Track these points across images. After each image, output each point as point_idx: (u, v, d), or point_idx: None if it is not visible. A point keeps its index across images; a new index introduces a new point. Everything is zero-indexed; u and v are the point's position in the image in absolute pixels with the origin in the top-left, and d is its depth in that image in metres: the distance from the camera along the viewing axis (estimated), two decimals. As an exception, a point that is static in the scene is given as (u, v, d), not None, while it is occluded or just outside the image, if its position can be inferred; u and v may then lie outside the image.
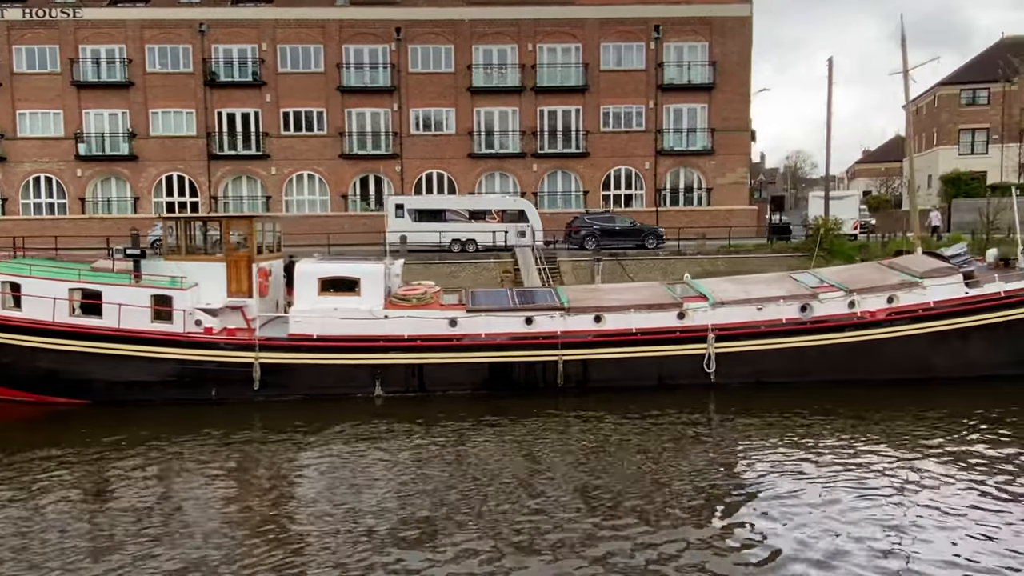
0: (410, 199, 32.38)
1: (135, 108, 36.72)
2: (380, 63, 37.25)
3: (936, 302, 16.75)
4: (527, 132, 37.87)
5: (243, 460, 12.85)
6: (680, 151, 38.47)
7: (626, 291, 18.13)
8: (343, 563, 8.72)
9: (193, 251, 16.62)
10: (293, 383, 15.65)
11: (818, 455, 12.42)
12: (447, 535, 9.46)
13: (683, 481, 11.31)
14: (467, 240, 29.32)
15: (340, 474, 12.00)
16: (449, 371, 15.98)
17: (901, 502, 10.32)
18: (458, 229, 29.54)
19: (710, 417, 15.18)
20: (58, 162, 36.71)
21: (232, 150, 37.20)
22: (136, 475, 11.97)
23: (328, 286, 16.32)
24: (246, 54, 36.89)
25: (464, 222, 29.90)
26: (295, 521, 10.12)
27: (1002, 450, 12.55)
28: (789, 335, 16.48)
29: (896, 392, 16.07)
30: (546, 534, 9.46)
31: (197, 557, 8.92)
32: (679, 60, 38.12)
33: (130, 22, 36.51)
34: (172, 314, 15.55)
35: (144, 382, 15.40)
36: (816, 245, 28.34)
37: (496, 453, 12.82)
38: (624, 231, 30.57)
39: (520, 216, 30.33)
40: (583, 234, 30.14)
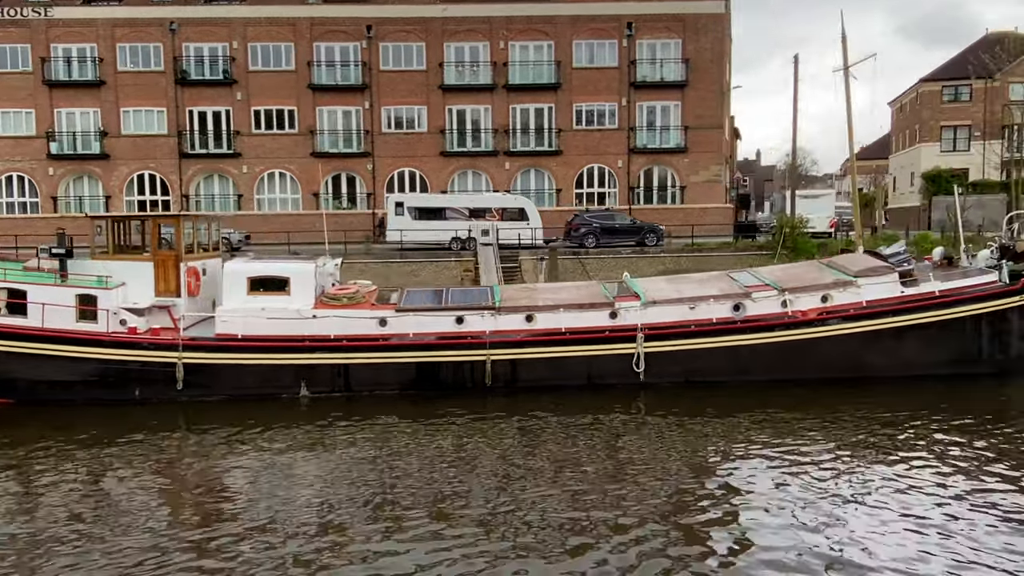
0: (410, 197, 32.32)
1: (106, 107, 36.76)
2: (351, 61, 37.21)
3: (869, 301, 16.60)
4: (500, 130, 37.79)
5: (165, 461, 12.72)
6: (653, 149, 38.35)
7: (562, 290, 18.03)
8: (266, 561, 8.67)
9: (124, 250, 16.59)
10: (217, 383, 15.58)
11: (737, 453, 12.35)
12: (364, 534, 9.41)
13: (593, 479, 11.17)
14: (468, 238, 28.98)
15: (259, 476, 11.86)
16: (376, 371, 15.90)
17: (818, 496, 10.28)
18: (458, 227, 29.38)
19: (634, 416, 14.99)
20: (30, 161, 36.78)
21: (203, 148, 37.24)
22: (60, 475, 11.80)
23: (258, 285, 16.25)
24: (217, 52, 36.90)
25: (464, 220, 29.70)
26: (218, 521, 9.97)
27: (924, 445, 12.51)
28: (719, 334, 16.36)
29: (828, 391, 15.91)
30: (464, 528, 9.44)
31: (124, 558, 8.82)
32: (652, 57, 37.98)
33: (101, 21, 36.54)
34: (97, 314, 15.52)
35: (67, 382, 15.36)
36: (779, 243, 28.25)
37: (417, 452, 12.67)
38: (624, 229, 30.47)
39: (520, 214, 30.29)
40: (583, 232, 29.97)
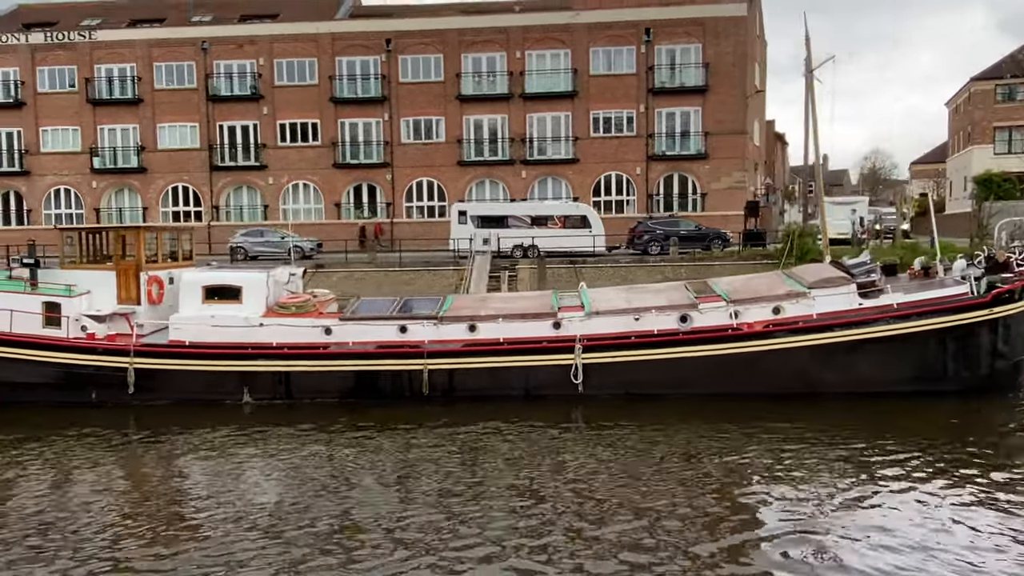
0: (473, 205, 32.51)
1: (144, 123, 38.90)
2: (371, 74, 38.16)
3: (821, 314, 15.90)
4: (516, 139, 37.95)
5: (113, 460, 13.33)
6: (672, 155, 37.71)
7: (515, 300, 18.06)
8: (212, 560, 8.99)
9: (98, 260, 17.58)
10: (165, 388, 16.28)
11: (666, 466, 12.10)
12: (292, 534, 9.68)
13: (510, 489, 11.13)
14: (529, 246, 29.13)
15: (193, 475, 12.41)
16: (316, 379, 16.27)
17: (734, 508, 10.20)
18: (520, 235, 29.53)
19: (567, 428, 14.84)
20: (76, 175, 39.29)
21: (232, 161, 38.89)
22: (21, 470, 12.56)
23: (212, 294, 16.88)
24: (245, 69, 38.52)
25: (526, 228, 29.81)
26: (156, 514, 10.51)
27: (844, 459, 12.04)
28: (661, 346, 15.97)
29: (773, 406, 15.34)
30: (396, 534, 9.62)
31: (77, 546, 9.38)
32: (671, 63, 37.42)
33: (139, 42, 38.73)
34: (60, 320, 16.50)
35: (29, 384, 16.37)
36: (785, 252, 27.27)
37: (348, 459, 12.85)
38: (690, 235, 29.84)
39: (582, 221, 30.13)
40: (646, 239, 29.57)
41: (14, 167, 39.31)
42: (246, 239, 31.52)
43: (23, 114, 39.08)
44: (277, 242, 30.79)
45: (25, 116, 39.11)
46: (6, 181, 39.55)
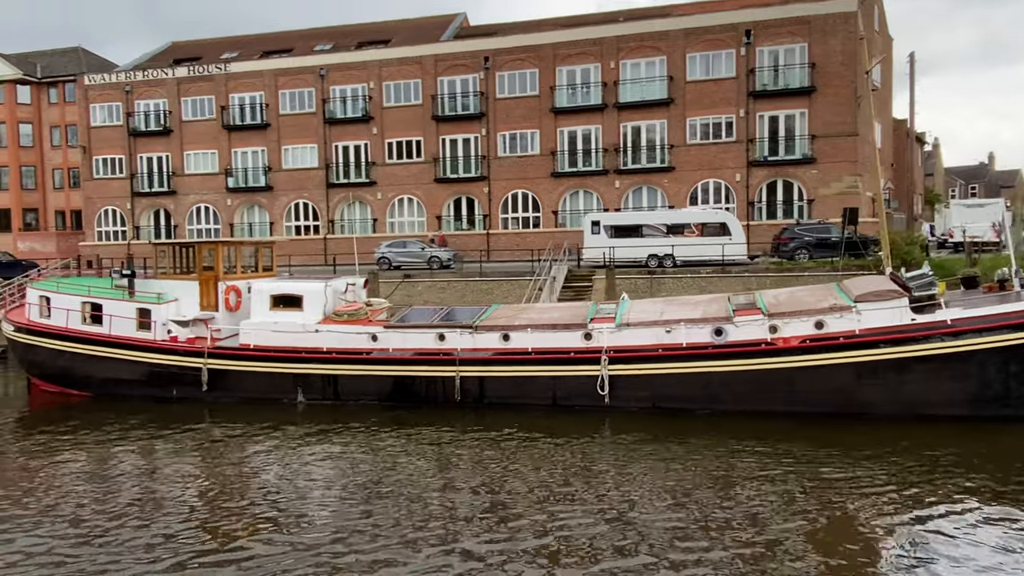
0: (606, 215, 31.92)
1: (271, 146, 42.61)
2: (471, 91, 39.56)
3: (865, 329, 14.96)
4: (610, 149, 37.91)
5: (190, 448, 15.09)
6: (775, 161, 36.10)
7: (550, 310, 18.31)
8: (276, 536, 10.28)
9: (183, 272, 19.84)
10: (233, 386, 18.08)
11: (680, 484, 11.96)
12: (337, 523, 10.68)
13: (522, 498, 11.49)
14: (664, 255, 28.21)
15: (248, 463, 13.87)
16: (360, 382, 17.43)
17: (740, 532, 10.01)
18: (656, 244, 28.75)
19: (591, 439, 14.90)
20: (214, 193, 43.68)
21: (346, 178, 41.67)
22: (117, 452, 14.73)
23: (278, 302, 18.56)
24: (357, 92, 41.19)
25: (662, 237, 29.04)
26: (220, 496, 12.03)
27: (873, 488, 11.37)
28: (689, 360, 15.70)
29: (809, 426, 14.66)
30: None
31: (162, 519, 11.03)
32: (773, 64, 35.88)
33: (267, 72, 42.52)
34: (151, 324, 18.78)
35: (126, 380, 18.77)
36: (882, 261, 25.45)
37: (385, 459, 13.73)
38: (840, 241, 27.70)
39: (722, 229, 28.70)
40: (793, 246, 28.15)
41: (164, 187, 44.39)
42: (390, 250, 32.92)
43: (170, 140, 44.11)
44: (418, 253, 32.17)
45: (172, 142, 44.12)
46: (157, 200, 44.74)
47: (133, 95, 44.63)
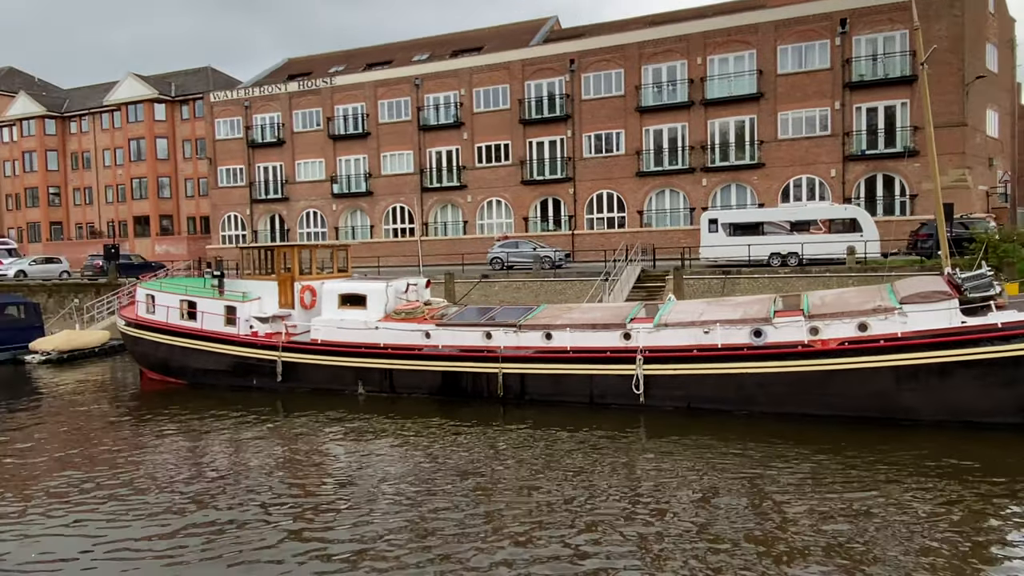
0: (724, 213, 30.74)
1: (371, 153, 45.09)
2: (557, 94, 40.18)
3: (908, 332, 14.36)
4: (696, 147, 37.36)
5: (266, 431, 16.69)
6: (874, 154, 34.30)
7: (593, 311, 18.61)
8: (348, 512, 11.29)
9: (265, 272, 21.77)
10: (303, 378, 19.70)
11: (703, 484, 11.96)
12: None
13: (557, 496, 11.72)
14: (788, 253, 27.13)
15: (323, 450, 15.08)
16: (413, 376, 18.53)
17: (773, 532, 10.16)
18: (777, 242, 27.43)
19: (623, 436, 15.16)
20: (321, 199, 46.75)
21: (439, 183, 43.42)
22: (208, 433, 16.56)
23: (346, 300, 20.05)
24: (450, 99, 42.82)
25: (785, 234, 27.61)
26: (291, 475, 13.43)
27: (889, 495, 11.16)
28: (724, 361, 15.64)
29: (847, 430, 14.27)
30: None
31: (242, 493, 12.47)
32: (871, 54, 34.11)
33: (367, 83, 45.01)
34: (236, 320, 20.79)
35: (215, 370, 20.87)
36: (976, 260, 23.80)
37: (431, 450, 14.50)
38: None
39: (852, 225, 27.09)
40: (931, 244, 26.24)
41: (278, 194, 47.99)
42: (502, 250, 33.64)
43: (283, 151, 47.62)
44: (530, 253, 32.90)
45: (285, 152, 47.61)
46: (272, 206, 48.42)
47: (251, 110, 48.53)
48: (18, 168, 62.04)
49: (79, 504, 11.88)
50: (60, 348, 27.35)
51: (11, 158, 62.84)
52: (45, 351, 27.22)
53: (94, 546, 10.23)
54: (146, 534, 10.59)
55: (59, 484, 12.99)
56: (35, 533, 10.81)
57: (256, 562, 9.60)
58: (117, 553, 10.01)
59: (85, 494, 12.34)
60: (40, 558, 9.93)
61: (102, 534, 10.64)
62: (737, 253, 27.48)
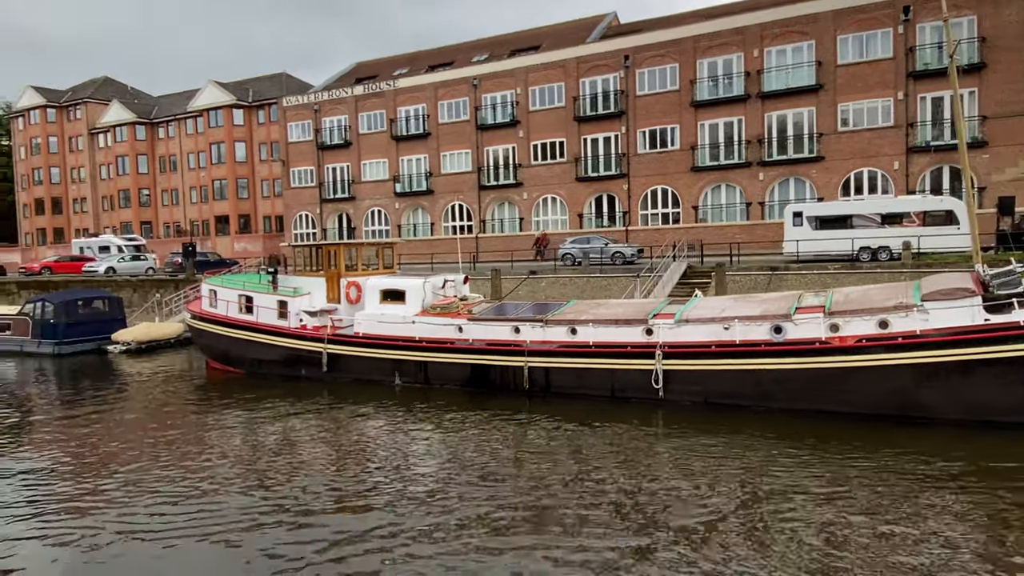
0: (810, 206, 29.65)
1: (431, 153, 46.37)
2: (611, 91, 40.31)
3: (928, 329, 14.16)
4: (753, 141, 36.82)
5: (312, 417, 17.90)
6: (940, 145, 32.98)
7: (619, 306, 18.93)
8: (387, 492, 12.26)
9: (314, 269, 23.07)
10: (346, 368, 20.85)
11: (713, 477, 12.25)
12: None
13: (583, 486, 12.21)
14: (879, 248, 26.19)
15: (363, 435, 16.12)
16: (445, 368, 19.36)
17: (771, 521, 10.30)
18: (867, 236, 26.46)
19: (641, 429, 15.49)
20: (384, 198, 48.41)
21: (495, 181, 44.27)
22: (262, 418, 17.91)
23: (386, 296, 21.10)
24: (506, 99, 43.59)
25: (875, 228, 26.68)
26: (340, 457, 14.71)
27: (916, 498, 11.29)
28: (741, 356, 15.76)
29: (865, 428, 14.22)
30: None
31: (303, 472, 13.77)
32: (937, 41, 32.80)
33: (428, 85, 46.29)
34: (287, 314, 22.17)
35: (268, 360, 22.31)
36: None
37: (460, 437, 15.38)
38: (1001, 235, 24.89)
39: (948, 218, 26.00)
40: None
41: (345, 194, 49.97)
42: (574, 246, 34.14)
43: (350, 152, 49.53)
44: (601, 249, 33.15)
45: (351, 153, 49.50)
46: (340, 205, 50.45)
47: (321, 113, 50.67)
48: (112, 171, 66.70)
49: (144, 480, 13.19)
50: (139, 339, 29.65)
51: (106, 162, 67.62)
52: (125, 342, 29.56)
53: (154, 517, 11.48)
54: (195, 510, 11.63)
55: (131, 460, 14.49)
56: (116, 497, 12.23)
57: (295, 541, 10.31)
58: (178, 520, 11.20)
59: (147, 472, 13.66)
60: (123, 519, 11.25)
61: (163, 509, 11.80)
62: (823, 247, 26.54)
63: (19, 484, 13.27)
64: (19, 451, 15.64)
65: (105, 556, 10.08)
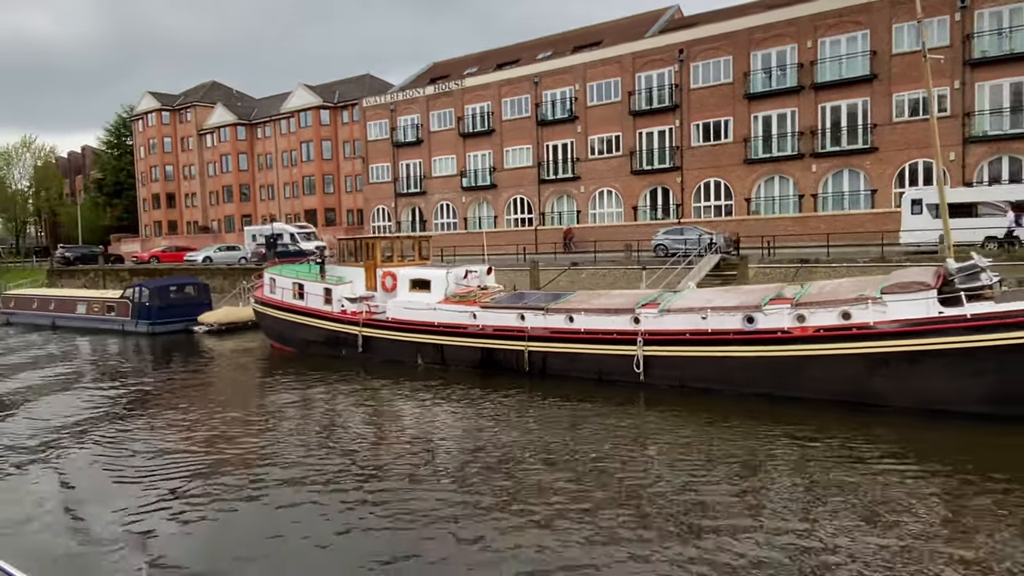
0: (930, 192, 27.45)
1: (495, 149, 48.44)
2: (666, 84, 40.97)
3: (881, 321, 14.86)
4: (806, 132, 36.68)
5: (348, 392, 20.09)
6: (998, 135, 31.99)
7: (616, 296, 20.22)
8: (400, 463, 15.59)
9: (356, 260, 25.56)
10: (377, 349, 23.19)
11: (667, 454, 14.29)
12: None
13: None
14: (1006, 236, 24.89)
15: (389, 408, 18.78)
16: (459, 351, 21.31)
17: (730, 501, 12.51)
18: (994, 225, 25.17)
19: (622, 408, 16.91)
20: (452, 192, 50.94)
21: (554, 175, 45.83)
22: (306, 392, 20.68)
23: (415, 285, 23.29)
24: (565, 95, 45.00)
25: (1002, 216, 25.25)
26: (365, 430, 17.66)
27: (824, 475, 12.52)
28: (712, 344, 16.87)
29: (819, 412, 15.12)
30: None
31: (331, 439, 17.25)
32: (996, 27, 31.75)
33: (493, 84, 48.34)
34: (332, 300, 24.79)
35: (315, 341, 25.03)
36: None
37: (470, 411, 17.60)
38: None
39: None
40: None
41: (417, 189, 52.88)
42: (667, 237, 33.71)
43: (422, 149, 52.35)
44: (695, 240, 32.45)
45: (423, 150, 52.31)
46: (412, 199, 53.42)
47: (396, 112, 53.76)
48: (217, 169, 72.81)
49: (211, 440, 15.87)
50: (220, 321, 33.35)
51: (212, 160, 73.86)
52: (209, 323, 33.32)
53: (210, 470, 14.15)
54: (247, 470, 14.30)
55: (203, 422, 17.33)
56: (197, 449, 15.03)
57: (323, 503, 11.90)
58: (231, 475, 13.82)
59: (213, 431, 16.42)
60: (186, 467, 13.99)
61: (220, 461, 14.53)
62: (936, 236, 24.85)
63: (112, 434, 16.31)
64: (113, 409, 18.91)
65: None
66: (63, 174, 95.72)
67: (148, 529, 10.61)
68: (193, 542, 10.31)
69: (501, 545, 9.71)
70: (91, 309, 36.44)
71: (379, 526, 10.52)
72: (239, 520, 11.01)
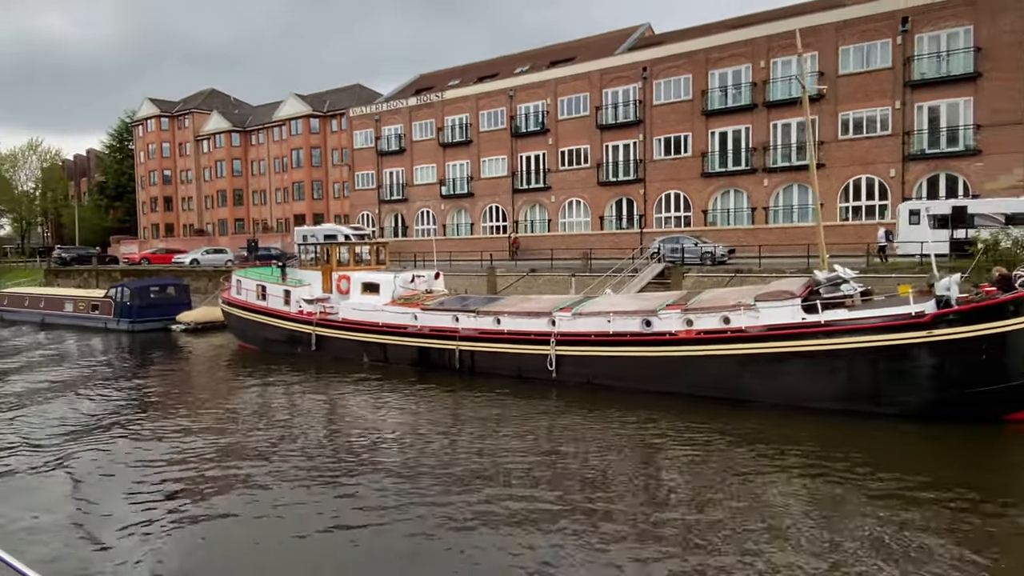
0: (929, 203, 28.08)
1: (473, 159, 50.35)
2: (631, 100, 42.81)
3: (751, 326, 16.64)
4: (759, 148, 38.44)
5: (301, 383, 22.30)
6: (935, 154, 33.67)
7: (542, 300, 22.05)
8: (331, 457, 18.04)
9: (314, 264, 27.44)
10: (328, 348, 25.05)
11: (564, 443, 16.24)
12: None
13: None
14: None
15: (339, 400, 20.92)
16: (400, 350, 23.15)
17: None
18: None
19: (537, 401, 18.71)
20: (432, 200, 52.85)
21: (527, 185, 47.68)
22: (262, 388, 22.67)
23: (366, 288, 25.14)
24: (538, 109, 46.89)
25: (998, 228, 25.50)
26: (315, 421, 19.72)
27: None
28: (613, 345, 18.66)
29: (698, 407, 16.87)
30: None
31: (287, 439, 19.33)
32: (934, 51, 33.48)
33: (471, 96, 50.26)
34: (290, 301, 26.66)
35: (275, 339, 26.89)
36: (973, 264, 23.91)
37: (416, 405, 19.66)
38: None
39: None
40: None
41: (399, 196, 54.81)
42: (663, 244, 34.22)
43: (404, 158, 54.29)
44: (691, 248, 33.02)
45: (405, 159, 54.26)
46: (395, 206, 55.36)
47: (381, 122, 55.73)
48: (212, 174, 74.99)
49: (177, 427, 17.88)
50: (196, 320, 35.28)
51: (207, 166, 76.06)
52: (186, 322, 35.26)
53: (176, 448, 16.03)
54: (209, 446, 16.17)
55: (174, 411, 19.30)
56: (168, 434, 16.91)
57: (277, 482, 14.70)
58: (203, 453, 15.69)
59: (185, 418, 18.37)
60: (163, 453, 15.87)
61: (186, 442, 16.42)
62: (942, 247, 25.20)
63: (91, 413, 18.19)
64: (89, 392, 20.81)
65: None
66: (69, 176, 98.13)
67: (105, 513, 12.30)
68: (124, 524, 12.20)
69: (434, 525, 10.94)
70: (77, 307, 38.46)
71: (316, 514, 11.51)
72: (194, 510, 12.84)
